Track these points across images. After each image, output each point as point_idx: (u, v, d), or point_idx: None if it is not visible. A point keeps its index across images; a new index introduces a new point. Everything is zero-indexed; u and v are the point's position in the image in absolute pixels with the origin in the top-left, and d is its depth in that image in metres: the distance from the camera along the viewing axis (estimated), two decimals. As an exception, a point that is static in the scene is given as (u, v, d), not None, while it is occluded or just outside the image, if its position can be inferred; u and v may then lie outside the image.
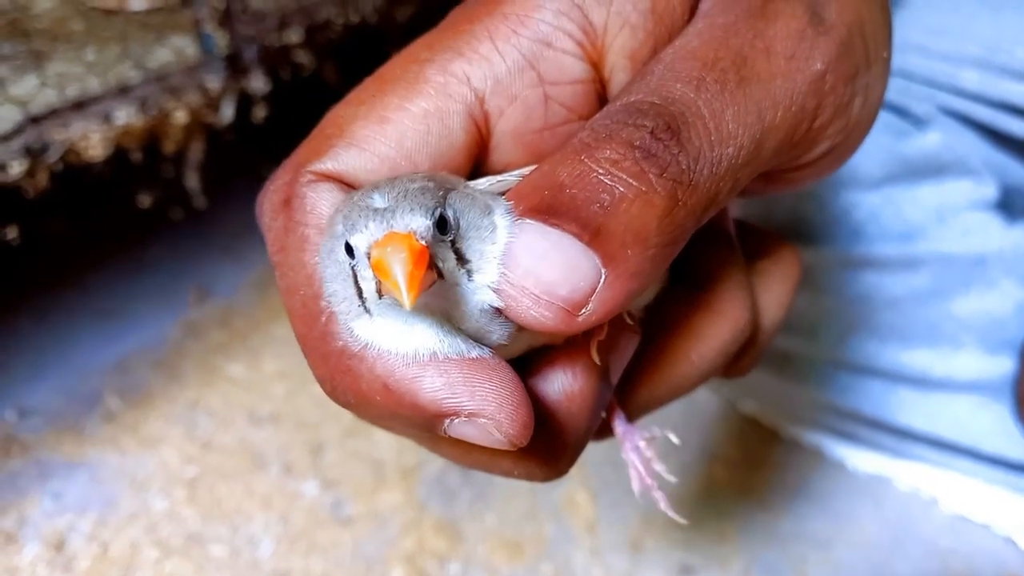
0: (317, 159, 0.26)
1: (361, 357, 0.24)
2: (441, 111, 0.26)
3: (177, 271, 1.10)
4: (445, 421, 0.24)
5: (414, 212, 0.23)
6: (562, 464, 0.28)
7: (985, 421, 0.75)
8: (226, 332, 1.04)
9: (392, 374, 0.23)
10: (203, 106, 0.80)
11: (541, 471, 0.28)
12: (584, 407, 0.27)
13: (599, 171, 0.23)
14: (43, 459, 0.87)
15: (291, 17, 0.85)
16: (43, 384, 0.95)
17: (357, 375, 0.24)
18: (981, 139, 0.74)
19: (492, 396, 0.23)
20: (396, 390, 0.23)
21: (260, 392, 0.96)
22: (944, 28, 0.74)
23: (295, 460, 0.88)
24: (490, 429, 0.23)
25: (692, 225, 0.24)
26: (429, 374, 0.23)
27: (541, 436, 0.27)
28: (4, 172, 0.70)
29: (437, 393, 0.23)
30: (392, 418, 0.25)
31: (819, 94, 0.27)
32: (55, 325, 1.02)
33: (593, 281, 0.22)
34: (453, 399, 0.23)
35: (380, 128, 0.26)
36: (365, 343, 0.24)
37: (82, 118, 0.74)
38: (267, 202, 0.27)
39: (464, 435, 0.24)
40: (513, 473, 0.29)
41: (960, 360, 0.73)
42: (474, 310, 0.24)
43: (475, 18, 0.27)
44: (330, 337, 0.24)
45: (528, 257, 0.22)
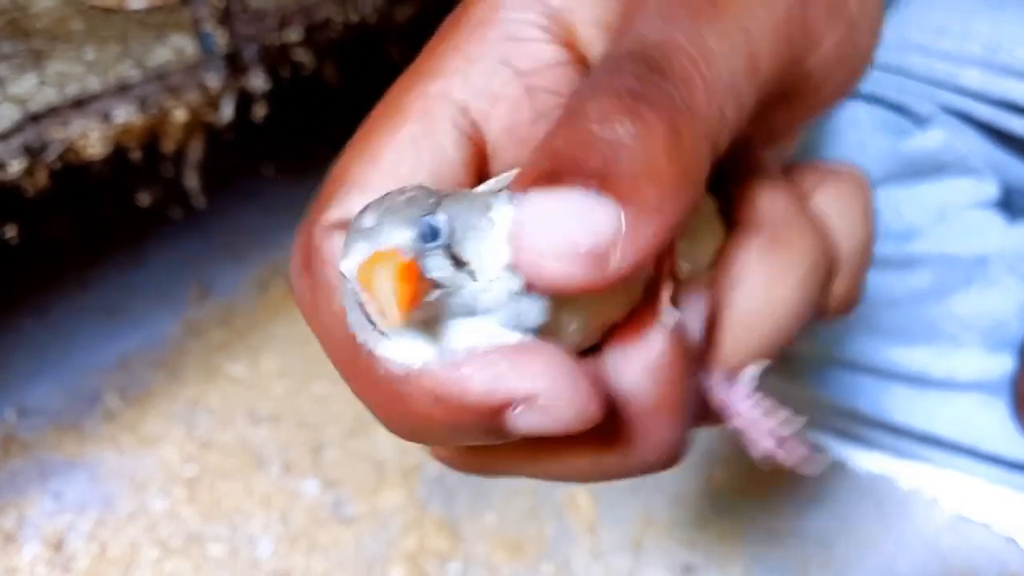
0: (325, 211, 0.26)
1: (403, 379, 0.23)
2: (427, 132, 0.26)
3: (177, 269, 1.10)
4: (507, 418, 0.22)
5: (398, 226, 0.22)
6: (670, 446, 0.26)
7: (986, 420, 0.75)
8: (226, 331, 1.04)
9: (436, 383, 0.22)
10: (203, 105, 0.80)
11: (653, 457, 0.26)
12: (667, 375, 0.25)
13: (592, 127, 0.22)
14: (42, 458, 0.86)
15: (291, 16, 0.85)
16: (42, 383, 0.95)
17: (407, 398, 0.23)
18: (982, 138, 0.74)
19: (543, 373, 0.22)
20: (446, 397, 0.22)
21: (260, 391, 0.96)
22: (945, 26, 0.74)
23: (295, 459, 0.88)
24: (552, 409, 0.22)
25: (705, 151, 0.23)
26: (472, 370, 0.22)
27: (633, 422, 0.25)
28: (3, 170, 0.70)
29: (485, 386, 0.22)
30: (459, 431, 0.23)
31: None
32: (54, 324, 1.02)
33: (614, 225, 0.21)
34: (503, 387, 0.22)
35: (374, 166, 0.26)
36: (401, 364, 0.23)
37: (81, 117, 0.74)
38: (292, 271, 0.27)
39: (533, 427, 0.22)
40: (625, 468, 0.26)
41: (960, 359, 0.73)
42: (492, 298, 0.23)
43: (442, 39, 0.28)
44: (372, 372, 0.23)
45: (538, 223, 0.21)
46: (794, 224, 0.29)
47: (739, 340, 0.29)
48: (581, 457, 0.26)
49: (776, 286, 0.29)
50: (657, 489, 0.85)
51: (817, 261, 0.29)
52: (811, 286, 0.29)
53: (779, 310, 0.29)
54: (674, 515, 0.82)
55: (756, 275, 0.29)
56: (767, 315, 0.29)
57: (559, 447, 0.26)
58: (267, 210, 1.21)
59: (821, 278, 0.30)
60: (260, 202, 1.21)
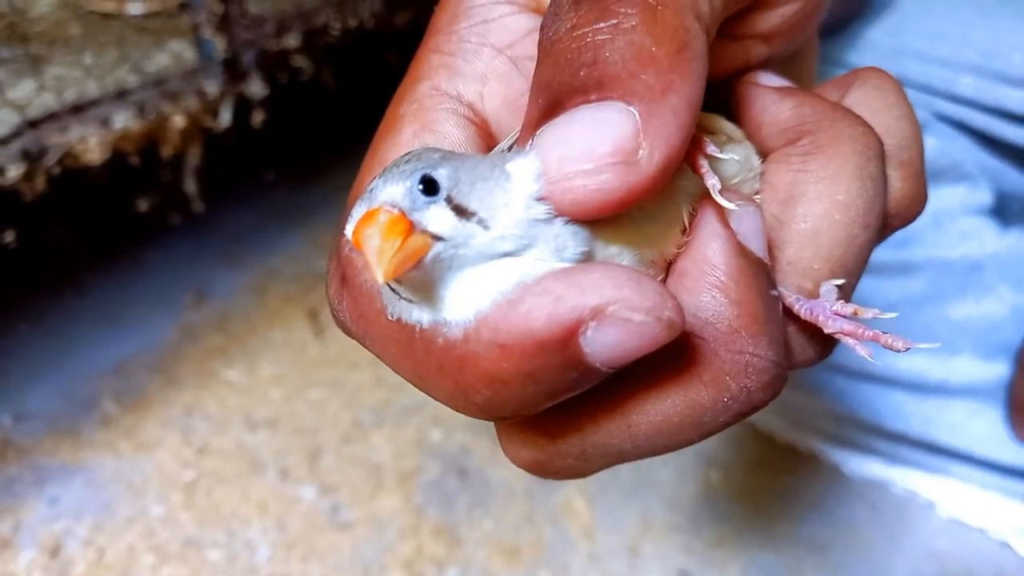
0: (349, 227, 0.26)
1: (463, 340, 0.21)
2: (426, 125, 0.27)
3: (174, 275, 1.10)
4: (581, 344, 0.20)
5: (391, 182, 0.22)
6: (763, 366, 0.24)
7: (981, 426, 0.76)
8: (223, 336, 1.04)
9: (496, 329, 0.21)
10: (201, 111, 0.80)
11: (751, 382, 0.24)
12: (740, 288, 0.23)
13: (568, 46, 0.22)
14: (39, 464, 0.86)
15: (289, 22, 0.86)
16: (40, 388, 0.94)
17: (473, 359, 0.21)
18: (976, 145, 0.75)
19: (605, 282, 0.20)
20: (510, 341, 0.21)
21: (257, 396, 0.96)
22: (940, 34, 0.75)
23: (292, 465, 0.88)
24: (625, 314, 0.20)
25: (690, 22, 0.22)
26: (528, 303, 0.21)
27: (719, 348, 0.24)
28: (2, 176, 0.70)
29: (546, 312, 0.20)
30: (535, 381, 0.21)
31: None
32: (51, 329, 1.02)
33: (630, 123, 0.20)
34: (566, 306, 0.20)
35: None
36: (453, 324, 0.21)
37: (80, 122, 0.74)
38: (331, 297, 0.26)
39: (610, 346, 0.20)
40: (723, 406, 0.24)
41: (956, 365, 0.73)
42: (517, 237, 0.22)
43: (420, 51, 0.29)
44: (431, 348, 0.22)
45: (555, 149, 0.21)
46: (827, 124, 0.28)
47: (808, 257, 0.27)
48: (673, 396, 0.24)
49: (831, 189, 0.27)
50: (654, 494, 0.85)
51: (867, 153, 0.27)
52: (869, 181, 0.27)
53: (842, 215, 0.26)
54: (671, 520, 0.83)
55: (806, 185, 0.27)
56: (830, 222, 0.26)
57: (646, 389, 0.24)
58: (265, 215, 1.21)
59: (877, 172, 0.27)
60: (258, 207, 1.22)
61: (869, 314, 0.27)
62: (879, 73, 0.31)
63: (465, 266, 0.22)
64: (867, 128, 0.27)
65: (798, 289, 0.27)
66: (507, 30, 0.28)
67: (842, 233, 0.26)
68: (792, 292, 0.27)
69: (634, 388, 0.24)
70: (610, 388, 0.24)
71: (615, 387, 0.24)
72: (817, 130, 0.27)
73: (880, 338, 0.26)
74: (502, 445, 0.28)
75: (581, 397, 0.24)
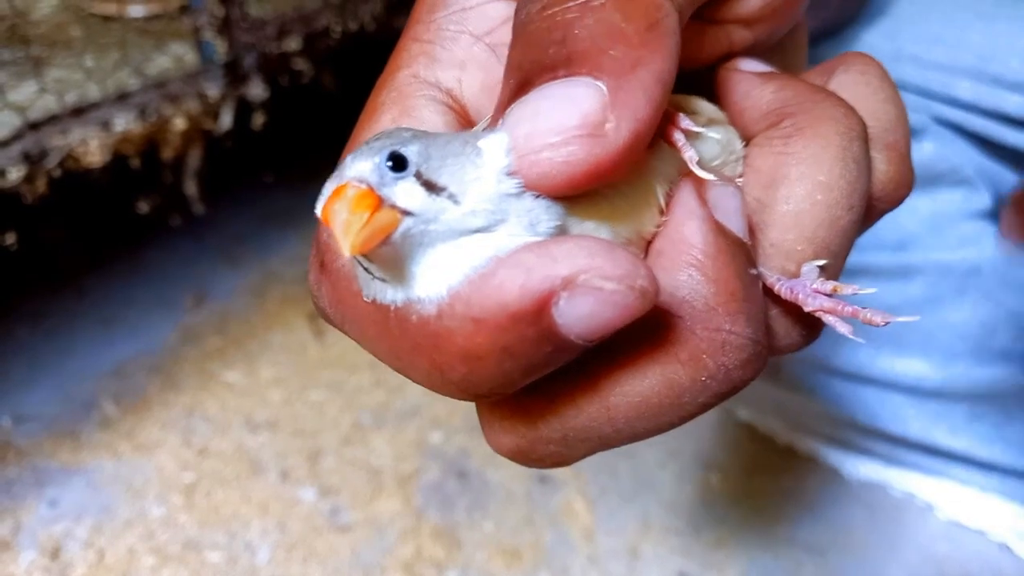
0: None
1: (436, 316, 0.21)
2: (405, 111, 0.27)
3: (174, 277, 1.11)
4: (555, 315, 0.20)
5: (359, 159, 0.22)
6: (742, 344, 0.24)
7: (979, 429, 0.76)
8: (223, 338, 1.04)
9: (469, 303, 0.20)
10: (202, 113, 0.80)
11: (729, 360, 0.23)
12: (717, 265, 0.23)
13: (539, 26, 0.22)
14: (39, 465, 0.86)
15: (290, 25, 0.86)
16: (39, 390, 0.94)
17: (448, 335, 0.21)
18: (975, 149, 0.75)
19: (576, 252, 0.20)
20: (482, 314, 0.20)
21: (257, 398, 0.96)
22: (938, 38, 0.75)
23: (292, 467, 0.88)
24: (597, 283, 0.20)
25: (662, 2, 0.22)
26: (501, 274, 0.20)
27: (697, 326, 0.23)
28: (3, 178, 0.70)
29: (518, 283, 0.20)
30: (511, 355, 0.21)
31: None
32: (52, 331, 1.02)
33: (598, 96, 0.20)
34: (537, 276, 0.20)
35: None
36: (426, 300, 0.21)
37: (81, 124, 0.74)
38: (311, 284, 0.26)
39: (583, 317, 0.20)
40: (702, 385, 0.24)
41: (954, 369, 0.73)
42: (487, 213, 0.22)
43: (400, 41, 0.29)
44: (406, 327, 0.22)
45: (523, 125, 0.21)
46: (809, 106, 0.27)
47: (791, 239, 0.26)
48: (649, 378, 0.24)
49: (813, 170, 0.26)
50: (653, 496, 0.85)
51: (850, 134, 0.27)
52: (852, 162, 0.27)
53: (824, 196, 0.26)
54: (670, 522, 0.83)
55: (788, 167, 0.27)
56: (813, 204, 0.26)
57: (622, 369, 0.24)
58: (264, 217, 1.22)
59: (860, 153, 0.27)
60: (257, 209, 1.22)
61: (849, 290, 0.26)
62: (864, 57, 0.31)
63: (437, 242, 0.22)
64: (849, 109, 0.27)
65: (781, 271, 0.27)
66: (485, 18, 0.28)
67: (825, 214, 0.26)
68: (774, 274, 0.27)
69: (612, 367, 0.24)
70: (588, 368, 0.24)
71: (593, 366, 0.24)
72: (799, 112, 0.27)
73: (859, 313, 0.26)
74: (485, 434, 0.28)
75: (560, 379, 0.23)
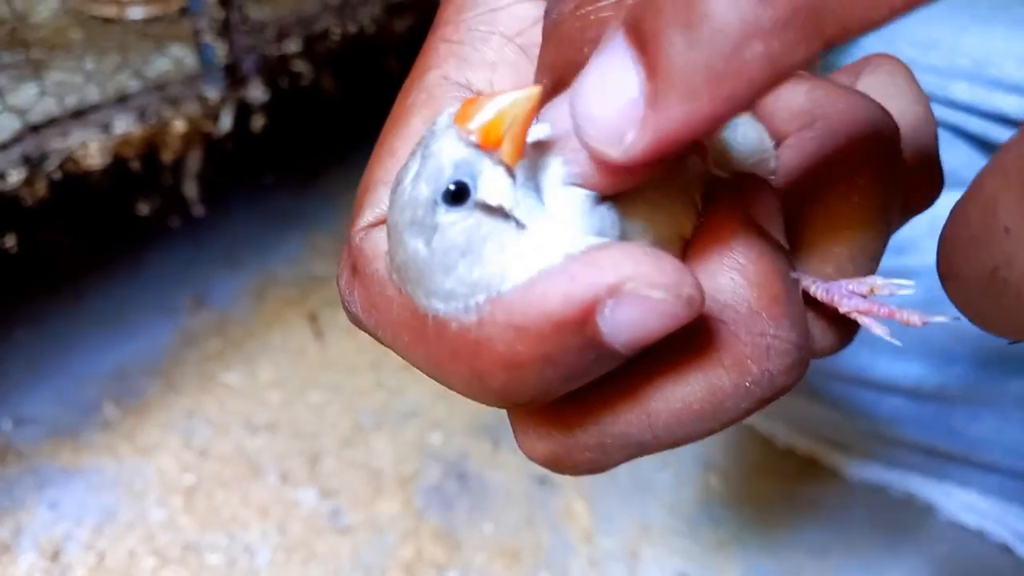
0: (359, 218, 0.26)
1: (477, 324, 0.21)
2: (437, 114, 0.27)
3: (174, 279, 1.11)
4: (599, 324, 0.20)
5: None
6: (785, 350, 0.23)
7: (979, 430, 0.76)
8: (222, 340, 1.04)
9: (511, 311, 0.20)
10: (202, 116, 0.80)
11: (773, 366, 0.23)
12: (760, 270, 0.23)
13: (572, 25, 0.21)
14: (39, 468, 0.86)
15: (290, 27, 0.86)
16: (40, 392, 0.94)
17: (488, 344, 0.21)
18: (973, 150, 0.75)
19: (622, 260, 0.20)
20: (525, 322, 0.20)
21: (257, 400, 0.96)
22: (935, 42, 0.75)
23: (292, 468, 0.88)
24: (643, 291, 0.19)
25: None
26: (545, 281, 0.20)
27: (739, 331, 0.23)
28: (3, 181, 0.70)
29: (562, 291, 0.20)
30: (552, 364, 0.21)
31: None
32: (52, 333, 1.02)
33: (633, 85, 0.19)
34: (582, 284, 0.20)
35: (393, 159, 0.26)
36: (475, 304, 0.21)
37: (81, 127, 0.74)
38: (341, 289, 0.26)
39: (628, 325, 0.20)
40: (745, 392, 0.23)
41: (953, 371, 0.73)
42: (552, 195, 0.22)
43: (428, 41, 0.28)
44: (445, 334, 0.21)
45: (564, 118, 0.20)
46: (842, 106, 0.27)
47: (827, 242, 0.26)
48: (692, 385, 0.23)
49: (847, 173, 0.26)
50: (653, 498, 0.85)
51: (883, 135, 0.27)
52: (886, 163, 0.26)
53: (860, 199, 0.26)
54: (670, 524, 0.83)
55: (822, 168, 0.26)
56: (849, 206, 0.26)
57: (665, 373, 0.23)
58: (264, 219, 1.22)
59: (893, 154, 0.27)
60: (256, 211, 1.22)
61: (886, 290, 0.26)
62: (890, 59, 0.30)
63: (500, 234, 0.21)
64: (883, 111, 0.27)
65: (817, 272, 0.26)
66: (515, 18, 0.28)
67: (860, 217, 0.26)
68: (810, 276, 0.26)
69: (653, 374, 0.23)
70: (628, 374, 0.23)
71: (633, 373, 0.23)
72: (832, 113, 0.27)
73: (896, 314, 0.26)
74: (518, 440, 0.27)
75: (599, 385, 0.23)
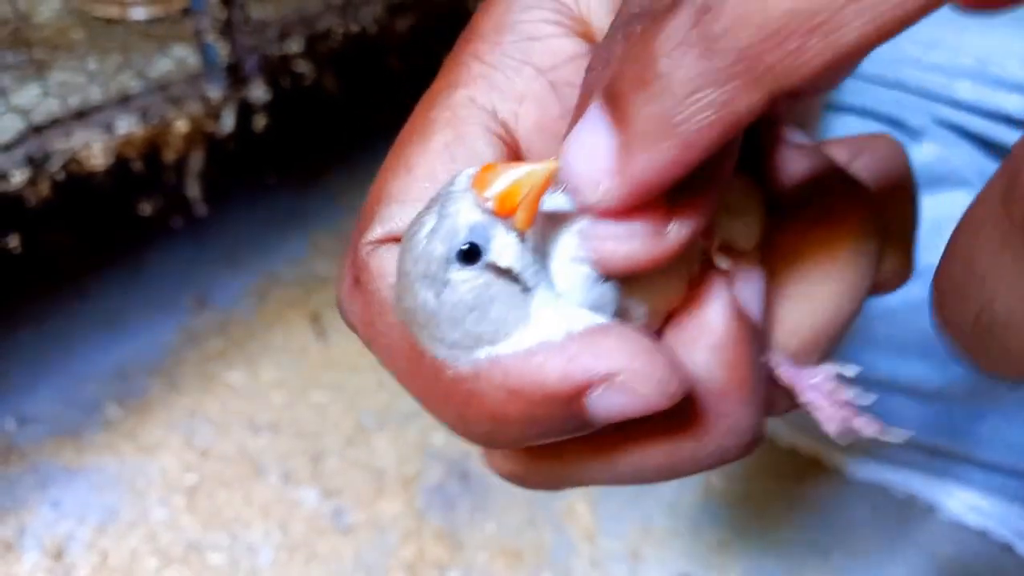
0: (368, 230, 0.26)
1: (473, 376, 0.22)
2: (460, 137, 0.26)
3: (176, 278, 1.11)
4: (586, 402, 0.21)
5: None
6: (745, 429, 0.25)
7: (980, 430, 0.76)
8: (224, 340, 1.04)
9: (509, 375, 0.22)
10: (204, 116, 0.80)
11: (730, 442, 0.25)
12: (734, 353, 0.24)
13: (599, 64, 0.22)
14: (42, 467, 0.87)
15: (292, 27, 0.86)
16: (42, 392, 0.95)
17: (479, 396, 0.22)
18: (976, 150, 0.75)
19: (620, 350, 0.21)
20: (520, 388, 0.22)
21: (259, 400, 0.96)
22: (937, 41, 0.75)
23: (294, 468, 0.88)
24: (633, 385, 0.21)
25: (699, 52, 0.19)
26: (545, 356, 0.21)
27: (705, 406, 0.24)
28: (6, 181, 0.70)
29: (560, 370, 0.21)
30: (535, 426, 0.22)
31: None
32: (54, 332, 1.02)
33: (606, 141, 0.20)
34: (579, 367, 0.21)
35: (410, 176, 0.26)
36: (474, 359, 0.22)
37: (84, 127, 0.74)
38: (341, 293, 0.27)
39: (614, 408, 0.21)
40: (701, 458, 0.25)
41: (954, 370, 0.73)
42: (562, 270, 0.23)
43: (459, 52, 0.28)
44: (439, 375, 0.23)
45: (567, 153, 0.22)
46: (838, 194, 0.28)
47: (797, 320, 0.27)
48: (656, 447, 0.25)
49: (827, 260, 0.27)
50: (655, 498, 0.85)
51: (866, 231, 0.28)
52: (863, 258, 0.28)
53: (834, 286, 0.27)
54: (672, 524, 0.83)
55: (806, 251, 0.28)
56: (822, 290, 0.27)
57: (633, 438, 0.25)
58: (266, 219, 1.22)
59: (872, 250, 0.28)
60: (258, 211, 1.22)
61: (845, 395, 0.28)
62: (890, 143, 0.32)
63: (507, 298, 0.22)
64: (872, 208, 0.28)
65: (783, 346, 0.28)
66: (551, 52, 0.27)
67: (832, 303, 0.28)
68: (779, 352, 0.28)
69: (622, 435, 0.25)
70: (599, 433, 0.24)
71: (604, 433, 0.24)
72: (826, 200, 0.28)
73: (851, 420, 0.28)
74: (483, 452, 0.28)
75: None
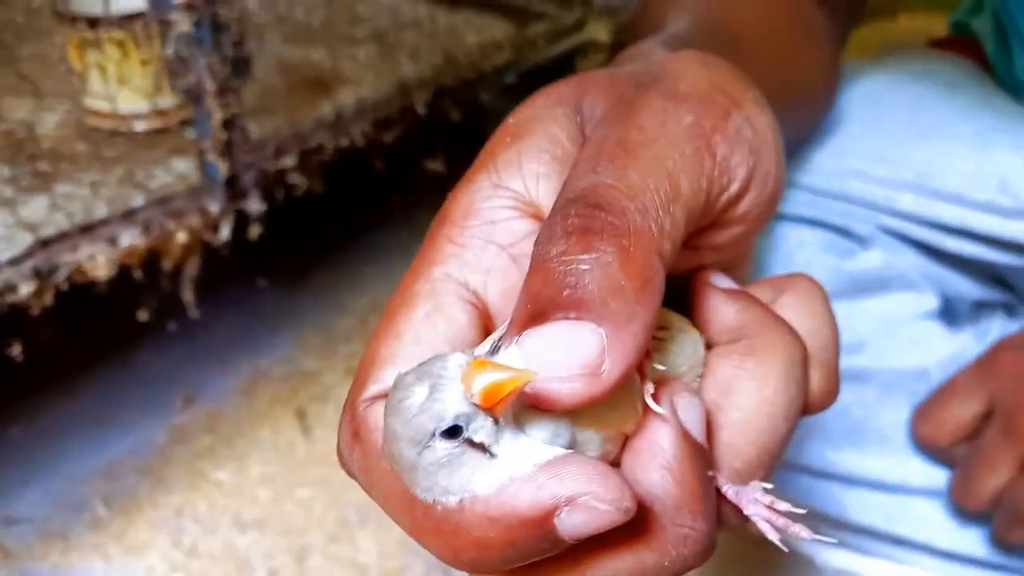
0: (363, 389, 0.31)
1: (459, 510, 0.26)
2: (438, 307, 0.32)
3: (166, 378, 1.13)
4: (555, 523, 0.26)
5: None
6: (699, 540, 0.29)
7: (939, 519, 0.79)
8: (213, 437, 1.06)
9: (488, 506, 0.26)
10: (203, 227, 0.85)
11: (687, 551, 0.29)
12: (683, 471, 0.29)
13: (555, 266, 0.27)
14: (29, 568, 0.87)
15: (286, 143, 0.92)
16: (30, 491, 0.96)
17: (466, 527, 0.26)
18: (919, 255, 0.81)
19: (578, 475, 0.26)
20: (499, 516, 0.26)
21: (246, 497, 0.98)
22: (881, 155, 0.82)
23: (280, 566, 0.89)
24: (593, 504, 0.25)
25: (654, 261, 0.27)
26: (517, 488, 0.26)
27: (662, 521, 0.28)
28: (14, 293, 0.74)
29: (530, 497, 0.26)
30: (516, 548, 0.27)
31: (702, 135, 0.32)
32: (41, 431, 1.03)
33: (598, 343, 0.25)
34: (546, 494, 0.26)
35: (399, 341, 0.31)
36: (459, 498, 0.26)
37: (89, 241, 0.79)
38: (341, 447, 0.32)
39: (578, 526, 0.26)
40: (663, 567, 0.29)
41: (912, 467, 0.77)
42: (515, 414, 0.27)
43: (434, 235, 0.34)
44: (430, 514, 0.27)
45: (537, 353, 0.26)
46: (765, 331, 0.33)
47: (739, 442, 0.32)
48: (622, 559, 0.29)
49: (761, 388, 0.32)
50: None
51: (793, 360, 0.33)
52: (793, 384, 0.33)
53: (769, 409, 0.32)
54: None
55: (741, 381, 0.32)
56: (759, 415, 0.32)
57: (602, 551, 0.29)
58: (254, 317, 1.25)
59: (800, 376, 0.33)
60: (246, 310, 1.25)
61: (783, 506, 0.33)
62: (809, 282, 0.37)
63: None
64: (796, 339, 0.33)
65: (729, 467, 0.33)
66: (510, 232, 0.33)
67: (768, 424, 0.32)
68: (724, 471, 0.33)
69: (592, 549, 0.29)
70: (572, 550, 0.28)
71: (575, 548, 0.28)
72: (755, 335, 0.33)
73: (788, 528, 0.33)
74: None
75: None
